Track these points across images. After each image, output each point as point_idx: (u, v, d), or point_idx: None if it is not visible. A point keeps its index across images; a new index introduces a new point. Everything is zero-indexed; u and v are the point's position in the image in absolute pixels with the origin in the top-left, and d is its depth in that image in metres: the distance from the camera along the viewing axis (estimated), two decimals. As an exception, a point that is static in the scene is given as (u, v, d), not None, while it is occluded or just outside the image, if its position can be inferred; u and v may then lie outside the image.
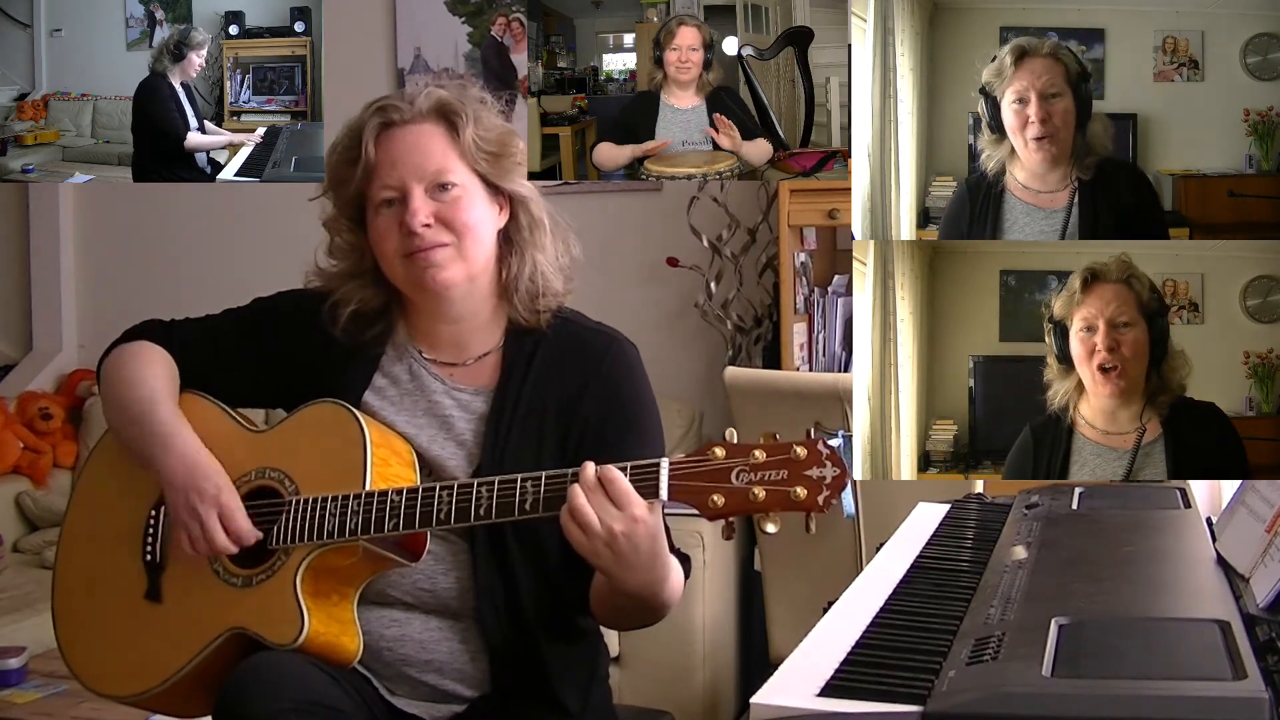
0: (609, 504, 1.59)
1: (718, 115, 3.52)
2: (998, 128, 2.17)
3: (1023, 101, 2.14)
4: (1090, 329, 2.10)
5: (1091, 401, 2.13)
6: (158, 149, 3.75)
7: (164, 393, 1.87)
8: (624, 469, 1.61)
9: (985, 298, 2.21)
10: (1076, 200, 2.16)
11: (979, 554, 1.89)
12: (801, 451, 1.57)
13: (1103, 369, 2.10)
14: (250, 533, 1.77)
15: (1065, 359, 2.13)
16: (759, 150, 3.55)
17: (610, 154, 3.65)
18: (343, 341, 1.88)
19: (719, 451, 1.59)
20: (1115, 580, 1.63)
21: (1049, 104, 2.13)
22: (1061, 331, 2.12)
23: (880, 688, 1.32)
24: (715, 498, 1.58)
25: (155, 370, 1.90)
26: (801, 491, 1.56)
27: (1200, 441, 2.13)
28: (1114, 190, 2.16)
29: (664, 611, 1.75)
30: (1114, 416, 2.13)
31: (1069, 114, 2.14)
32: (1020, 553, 1.79)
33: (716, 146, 3.58)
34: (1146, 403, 2.11)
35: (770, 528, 1.58)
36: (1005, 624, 1.44)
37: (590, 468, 1.61)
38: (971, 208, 2.20)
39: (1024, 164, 2.17)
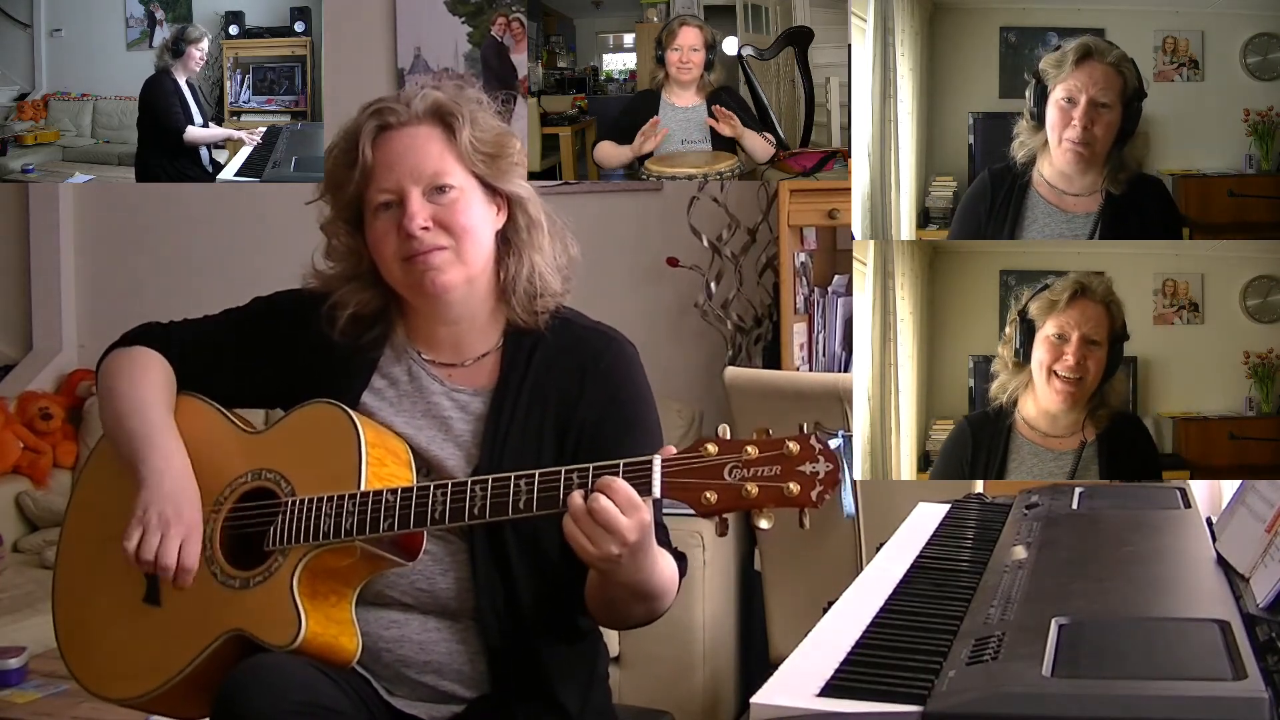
0: (602, 529, 1.58)
1: (716, 106, 3.53)
2: (1039, 117, 2.15)
3: (1071, 101, 2.12)
4: (1063, 338, 2.13)
5: (1038, 403, 2.16)
6: (161, 144, 3.75)
7: (154, 411, 1.86)
8: (616, 468, 1.61)
9: (985, 298, 2.21)
10: (1103, 212, 2.15)
11: (979, 554, 1.89)
12: (794, 447, 1.56)
13: (1062, 377, 2.13)
14: (188, 575, 1.77)
15: (1022, 357, 2.15)
16: (760, 145, 3.55)
17: (611, 153, 3.66)
18: (341, 344, 1.88)
19: (711, 448, 1.58)
20: (1115, 580, 1.63)
21: (1095, 112, 2.11)
22: (1029, 331, 2.14)
23: (880, 688, 1.32)
24: (708, 494, 1.57)
25: (149, 380, 1.89)
26: (794, 487, 1.55)
27: (1130, 448, 2.19)
28: (1142, 209, 2.15)
29: (660, 605, 1.75)
30: (1055, 420, 2.16)
31: (1111, 128, 2.12)
32: (1020, 553, 1.79)
33: (716, 143, 3.58)
34: (1087, 415, 2.15)
35: (764, 524, 1.57)
36: (1005, 624, 1.44)
37: (577, 498, 1.60)
38: (993, 196, 2.18)
39: (1053, 161, 2.16)
